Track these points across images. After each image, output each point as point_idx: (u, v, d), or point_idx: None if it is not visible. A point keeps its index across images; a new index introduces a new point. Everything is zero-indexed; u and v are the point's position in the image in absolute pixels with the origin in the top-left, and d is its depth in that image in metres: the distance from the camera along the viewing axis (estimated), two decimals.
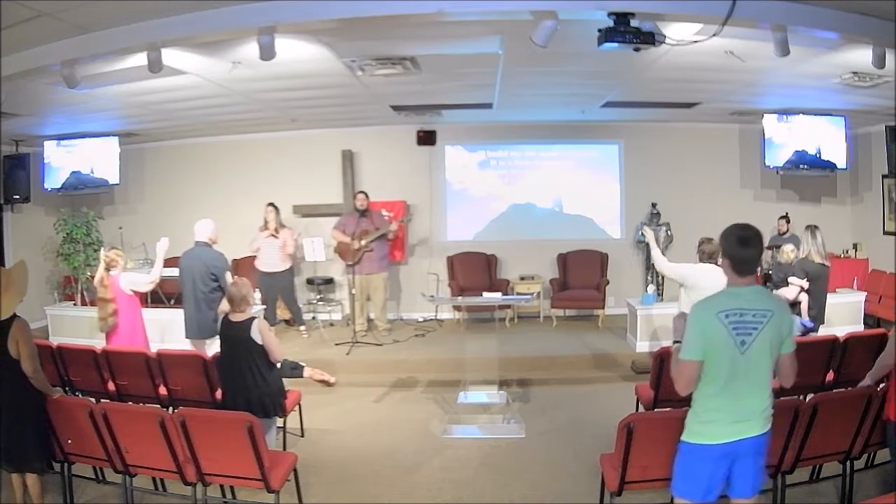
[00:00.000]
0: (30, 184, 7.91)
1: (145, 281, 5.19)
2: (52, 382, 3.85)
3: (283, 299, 7.55)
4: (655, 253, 4.85)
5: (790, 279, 5.07)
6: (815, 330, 5.11)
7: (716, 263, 4.73)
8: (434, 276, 8.64)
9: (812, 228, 5.13)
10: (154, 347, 4.90)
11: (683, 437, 2.54)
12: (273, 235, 7.24)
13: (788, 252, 5.39)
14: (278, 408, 4.08)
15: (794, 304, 5.09)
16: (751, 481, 2.49)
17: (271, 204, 7.38)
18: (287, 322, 8.01)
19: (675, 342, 2.66)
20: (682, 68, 5.34)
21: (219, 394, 4.32)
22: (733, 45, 4.59)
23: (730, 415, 2.42)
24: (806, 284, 5.02)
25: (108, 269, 5.07)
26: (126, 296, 5.08)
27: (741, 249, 2.45)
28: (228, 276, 5.18)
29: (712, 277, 4.50)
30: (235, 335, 3.93)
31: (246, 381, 3.92)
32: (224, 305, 4.36)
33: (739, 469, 2.46)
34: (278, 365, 4.12)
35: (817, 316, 5.15)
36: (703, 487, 2.47)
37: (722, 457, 2.44)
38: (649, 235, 5.04)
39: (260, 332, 3.91)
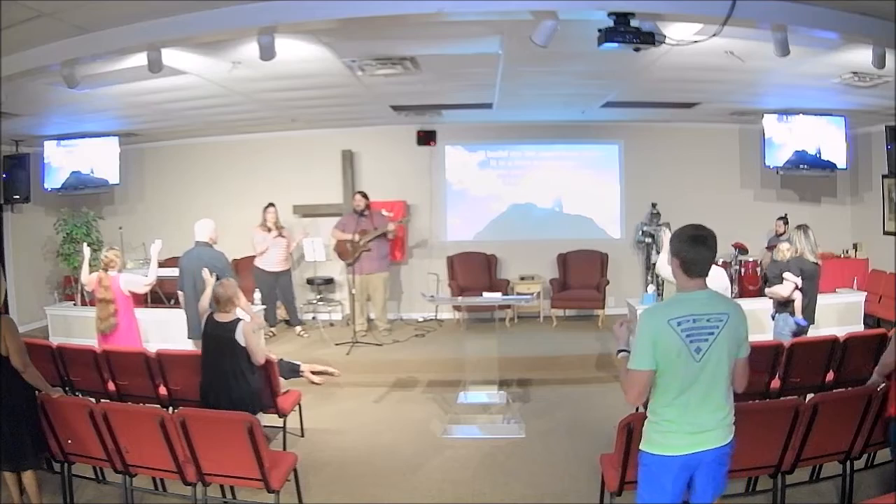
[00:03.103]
0: (30, 184, 7.91)
1: (143, 282, 5.24)
2: (52, 382, 3.85)
3: (284, 299, 7.61)
4: (663, 256, 4.83)
5: (785, 275, 5.07)
6: (806, 330, 5.07)
7: (716, 264, 4.74)
8: (434, 276, 8.64)
9: (804, 228, 5.11)
10: (154, 348, 4.90)
11: (642, 447, 2.44)
12: (281, 236, 7.39)
13: (785, 250, 5.40)
14: (257, 406, 4.07)
15: (788, 303, 5.08)
16: (711, 489, 2.40)
17: (272, 204, 7.45)
18: (287, 322, 8.01)
19: (620, 351, 2.52)
20: (682, 68, 5.34)
21: None
22: (733, 45, 4.59)
23: (686, 426, 2.31)
24: (800, 282, 5.02)
25: (106, 269, 5.08)
26: (124, 296, 5.09)
27: (693, 249, 2.33)
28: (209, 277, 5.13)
29: (712, 279, 4.50)
30: (220, 335, 3.95)
31: (228, 381, 3.93)
32: (204, 304, 4.37)
33: (700, 478, 2.37)
34: (277, 364, 4.13)
35: (809, 315, 5.11)
36: (666, 497, 2.36)
37: (681, 468, 2.34)
38: (665, 238, 5.05)
39: (244, 334, 3.94)
